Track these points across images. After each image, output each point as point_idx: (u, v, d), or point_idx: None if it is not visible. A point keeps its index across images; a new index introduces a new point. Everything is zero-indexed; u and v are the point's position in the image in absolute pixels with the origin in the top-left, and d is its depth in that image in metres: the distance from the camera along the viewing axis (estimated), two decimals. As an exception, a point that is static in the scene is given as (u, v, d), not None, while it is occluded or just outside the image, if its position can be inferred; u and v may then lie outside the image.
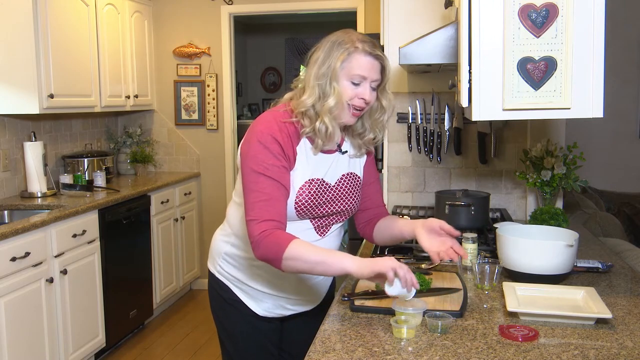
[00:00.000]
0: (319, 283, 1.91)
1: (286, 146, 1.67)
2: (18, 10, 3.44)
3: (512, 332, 1.46)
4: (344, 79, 1.66)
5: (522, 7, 1.73)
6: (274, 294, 1.86)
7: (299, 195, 1.70)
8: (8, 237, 2.80)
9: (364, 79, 1.66)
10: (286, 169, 1.67)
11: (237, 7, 4.92)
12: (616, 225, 3.36)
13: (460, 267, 1.99)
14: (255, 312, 1.88)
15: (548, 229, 2.05)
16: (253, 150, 1.66)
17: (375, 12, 4.46)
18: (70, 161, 4.17)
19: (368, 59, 1.65)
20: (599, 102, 1.74)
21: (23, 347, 2.92)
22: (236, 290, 1.89)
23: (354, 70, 1.65)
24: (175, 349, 3.94)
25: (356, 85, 1.66)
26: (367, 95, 1.66)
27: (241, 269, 1.86)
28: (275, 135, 1.66)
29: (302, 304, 1.92)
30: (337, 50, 1.66)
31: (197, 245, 5.04)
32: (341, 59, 1.64)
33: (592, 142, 4.69)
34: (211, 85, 5.02)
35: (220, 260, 1.91)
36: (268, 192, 1.62)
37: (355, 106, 1.68)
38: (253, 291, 1.86)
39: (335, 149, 1.79)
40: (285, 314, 1.92)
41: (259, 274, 1.82)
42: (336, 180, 1.78)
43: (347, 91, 1.66)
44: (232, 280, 1.89)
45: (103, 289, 3.64)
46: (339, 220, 1.83)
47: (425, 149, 2.93)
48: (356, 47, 1.65)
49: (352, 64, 1.65)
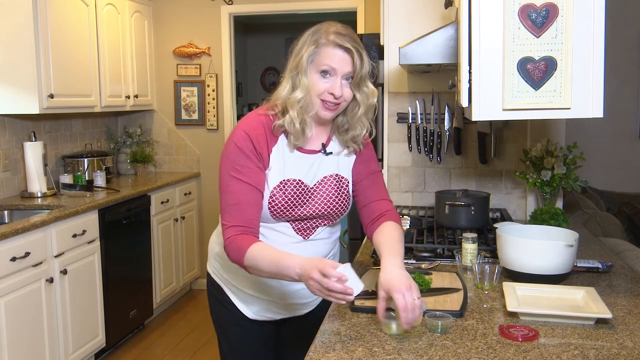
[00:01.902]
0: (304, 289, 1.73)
1: (260, 144, 1.64)
2: (18, 10, 3.44)
3: (512, 332, 1.46)
4: (313, 72, 1.62)
5: (522, 7, 1.73)
6: (260, 297, 1.83)
7: (272, 195, 1.67)
8: (8, 237, 2.80)
9: (333, 71, 1.61)
10: (260, 169, 1.65)
11: (237, 7, 4.92)
12: (616, 225, 3.36)
13: (460, 267, 1.99)
14: (245, 315, 1.87)
15: (548, 229, 2.05)
16: (227, 150, 1.66)
17: (375, 12, 4.46)
18: (70, 161, 4.17)
19: (337, 52, 1.60)
20: (599, 102, 1.74)
21: (23, 347, 2.92)
22: (228, 292, 1.89)
23: (322, 62, 1.61)
24: (175, 349, 3.94)
25: (326, 78, 1.62)
26: (337, 90, 1.61)
27: (230, 270, 1.85)
28: (249, 133, 1.65)
29: (291, 308, 1.86)
30: (307, 44, 1.63)
31: (197, 245, 5.04)
32: (309, 51, 1.61)
33: (592, 142, 4.68)
34: (211, 85, 5.02)
35: (214, 261, 1.93)
36: (237, 196, 1.61)
37: (327, 101, 1.63)
38: (242, 294, 1.85)
39: (318, 150, 1.74)
40: (276, 318, 1.88)
41: (244, 275, 1.74)
42: (315, 182, 1.72)
43: (317, 85, 1.62)
44: (224, 281, 1.89)
45: (103, 289, 3.64)
46: (323, 223, 1.77)
47: (425, 149, 2.93)
48: (327, 39, 1.60)
49: (320, 56, 1.61)
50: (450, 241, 2.32)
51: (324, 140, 1.76)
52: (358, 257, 2.22)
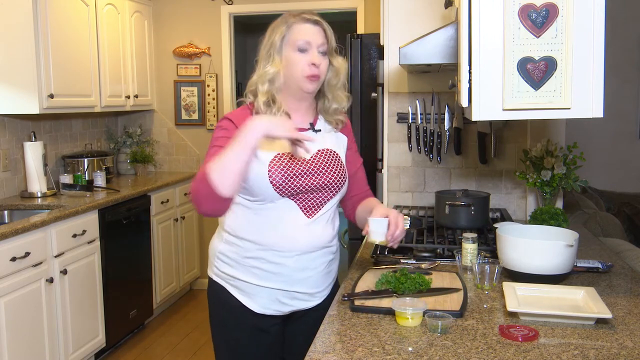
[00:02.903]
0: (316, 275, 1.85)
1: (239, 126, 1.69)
2: (18, 10, 3.44)
3: (512, 332, 1.46)
4: (290, 51, 1.75)
5: (522, 7, 1.73)
6: (268, 287, 1.82)
7: (270, 169, 1.73)
8: (8, 237, 2.80)
9: (308, 44, 1.74)
10: None
11: (237, 7, 4.92)
12: (616, 225, 3.36)
13: (460, 267, 1.99)
14: (252, 310, 1.83)
15: (548, 229, 2.05)
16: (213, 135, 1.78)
17: (375, 12, 4.46)
18: (70, 161, 4.17)
19: (308, 25, 1.76)
20: (599, 102, 1.74)
21: (23, 347, 2.93)
22: (232, 290, 1.85)
23: (297, 38, 1.74)
24: (175, 349, 3.94)
25: (303, 53, 1.74)
26: (317, 58, 1.74)
27: (235, 265, 1.84)
28: (232, 118, 1.77)
29: (301, 298, 1.86)
30: (276, 29, 1.78)
31: (197, 245, 5.04)
32: (281, 31, 1.75)
33: (592, 142, 4.68)
34: (211, 85, 5.02)
35: (216, 261, 1.89)
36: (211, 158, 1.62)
37: (311, 75, 1.75)
38: (248, 286, 1.83)
39: (307, 128, 1.85)
40: (284, 310, 1.86)
41: (253, 265, 1.80)
42: (312, 156, 1.80)
43: (296, 62, 1.74)
44: (227, 279, 1.86)
45: (103, 289, 3.64)
46: (325, 198, 1.82)
47: (425, 149, 2.93)
48: (295, 18, 1.76)
49: (293, 33, 1.75)
50: (450, 241, 2.32)
51: (311, 120, 1.87)
52: (358, 257, 2.22)
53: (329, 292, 1.92)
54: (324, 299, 1.90)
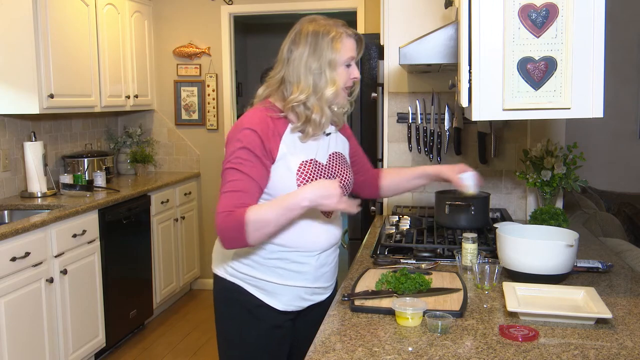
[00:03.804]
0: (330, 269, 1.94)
1: (266, 139, 1.71)
2: (18, 10, 3.44)
3: (512, 332, 1.46)
4: (340, 66, 1.78)
5: (522, 7, 1.73)
6: (292, 285, 1.83)
7: (298, 177, 1.75)
8: (8, 237, 2.80)
9: (352, 59, 1.80)
10: (262, 165, 1.71)
11: (237, 7, 4.92)
12: (616, 225, 3.36)
13: (460, 267, 1.99)
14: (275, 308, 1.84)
15: (548, 229, 2.05)
16: (232, 146, 1.73)
17: (375, 12, 4.46)
18: (70, 161, 4.17)
19: (351, 41, 1.80)
20: (599, 102, 1.74)
21: (23, 347, 2.93)
22: (252, 290, 1.83)
23: (347, 54, 1.78)
24: (175, 349, 3.94)
25: (348, 68, 1.80)
26: (357, 73, 1.82)
27: (255, 266, 1.82)
28: (255, 128, 1.71)
29: (318, 292, 1.91)
30: (324, 41, 1.74)
31: (197, 245, 5.04)
32: (337, 48, 1.75)
33: (592, 142, 4.69)
34: (211, 85, 5.02)
35: (232, 262, 1.86)
36: (235, 185, 1.67)
37: (349, 87, 1.82)
38: (271, 285, 1.82)
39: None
40: (303, 306, 1.89)
41: (276, 266, 1.81)
42: (327, 159, 1.86)
43: (343, 76, 1.79)
44: (247, 279, 1.84)
45: (103, 289, 3.64)
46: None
47: (425, 149, 2.93)
48: (340, 32, 1.77)
49: (346, 49, 1.77)
50: (450, 241, 2.32)
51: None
52: (358, 257, 2.22)
53: (334, 286, 2.01)
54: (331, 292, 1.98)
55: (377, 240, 2.36)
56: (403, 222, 2.68)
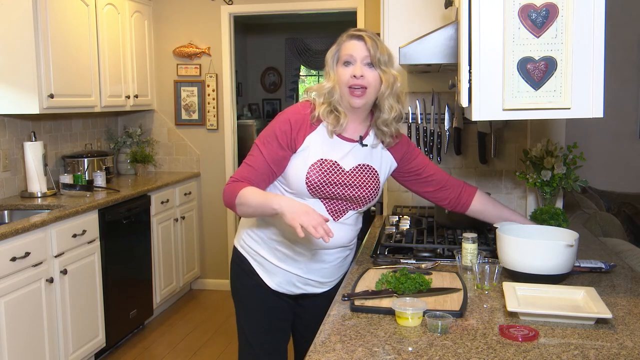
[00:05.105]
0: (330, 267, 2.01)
1: (295, 129, 1.87)
2: (18, 10, 3.44)
3: (512, 332, 1.46)
4: (339, 66, 1.88)
5: (522, 7, 1.73)
6: (286, 270, 1.99)
7: (310, 171, 1.87)
8: (8, 237, 2.80)
9: (352, 58, 1.85)
10: (282, 152, 1.87)
11: (237, 7, 4.92)
12: (616, 225, 3.36)
13: (460, 267, 1.99)
14: (268, 287, 2.02)
15: (548, 229, 2.05)
16: (270, 126, 1.92)
17: (375, 12, 4.46)
18: (70, 161, 4.17)
19: (352, 41, 1.86)
20: (599, 102, 1.74)
21: (23, 347, 2.92)
22: (253, 263, 2.04)
23: (343, 54, 1.87)
24: (175, 349, 3.95)
25: (348, 67, 1.85)
26: (358, 70, 1.83)
27: (260, 243, 2.01)
28: (291, 119, 1.89)
29: (313, 285, 2.02)
30: (334, 46, 1.92)
31: (197, 245, 5.04)
32: (333, 50, 1.90)
33: (592, 142, 4.69)
34: (211, 85, 5.02)
35: (245, 235, 2.07)
36: (252, 160, 1.89)
37: (353, 85, 1.84)
38: (269, 264, 2.00)
39: (356, 140, 1.94)
40: (295, 292, 2.03)
41: (276, 247, 1.98)
42: (351, 167, 1.92)
43: (343, 75, 1.86)
44: (252, 254, 2.04)
45: (103, 289, 3.64)
46: (354, 207, 1.96)
47: (425, 149, 2.93)
48: (344, 37, 1.89)
49: (341, 51, 1.88)
50: (450, 241, 2.32)
51: (362, 133, 1.96)
52: (358, 257, 2.22)
53: (338, 281, 2.07)
54: (332, 286, 2.06)
55: (377, 240, 2.36)
56: (403, 222, 2.68)
